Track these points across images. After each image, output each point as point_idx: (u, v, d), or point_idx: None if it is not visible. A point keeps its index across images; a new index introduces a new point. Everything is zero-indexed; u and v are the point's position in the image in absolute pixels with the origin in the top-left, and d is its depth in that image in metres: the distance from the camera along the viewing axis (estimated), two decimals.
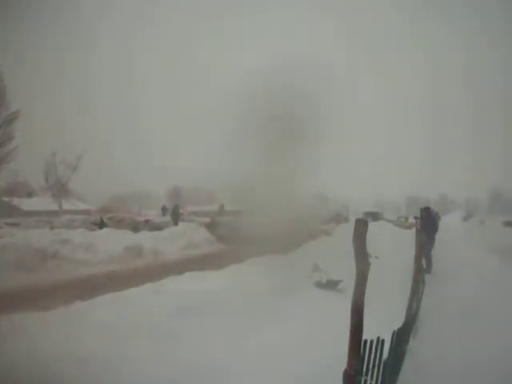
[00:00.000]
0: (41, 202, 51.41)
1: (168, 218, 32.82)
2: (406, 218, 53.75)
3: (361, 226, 3.29)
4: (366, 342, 3.30)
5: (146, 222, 29.34)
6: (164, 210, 41.45)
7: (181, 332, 7.07)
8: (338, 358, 4.16)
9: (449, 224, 37.44)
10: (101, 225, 26.86)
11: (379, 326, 4.34)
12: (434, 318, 8.17)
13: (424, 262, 10.39)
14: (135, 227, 26.07)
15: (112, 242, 19.01)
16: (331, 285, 11.13)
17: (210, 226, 27.88)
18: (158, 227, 27.23)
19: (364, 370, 3.32)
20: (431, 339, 6.89)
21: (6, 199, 49.58)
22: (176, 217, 30.87)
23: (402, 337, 4.84)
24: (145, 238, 21.23)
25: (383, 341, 3.66)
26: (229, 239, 24.67)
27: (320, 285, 11.22)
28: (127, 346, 6.32)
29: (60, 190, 48.59)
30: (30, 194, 56.28)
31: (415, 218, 16.10)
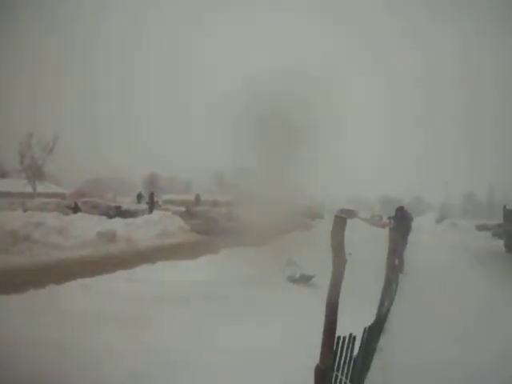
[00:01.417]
0: (14, 184, 50.73)
1: (143, 206, 32.63)
2: (380, 217, 54.14)
3: (339, 223, 3.28)
4: (339, 338, 3.32)
5: (120, 208, 29.12)
6: (139, 197, 41.10)
7: (151, 321, 7.04)
8: (310, 352, 4.19)
9: (422, 225, 37.84)
10: (75, 209, 26.61)
11: (349, 323, 4.36)
12: (404, 317, 8.25)
13: (396, 261, 10.49)
14: (109, 213, 25.88)
15: (85, 227, 18.93)
16: (304, 280, 11.17)
17: (186, 216, 27.83)
18: (132, 214, 27.09)
19: (336, 365, 3.34)
20: (400, 338, 6.96)
21: None
22: (151, 205, 30.72)
23: (372, 334, 4.89)
24: (118, 224, 21.15)
25: (355, 337, 3.68)
26: (203, 229, 24.68)
27: (293, 279, 11.24)
28: (97, 331, 6.28)
29: (34, 172, 47.99)
30: (3, 175, 55.49)
31: (389, 217, 16.27)
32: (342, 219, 3.29)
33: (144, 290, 9.05)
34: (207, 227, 24.67)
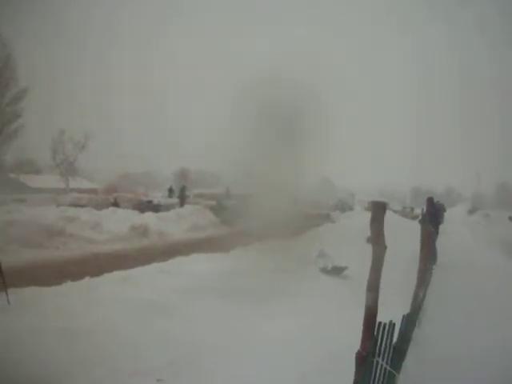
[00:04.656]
0: (48, 180, 51.64)
1: (174, 200, 32.86)
2: (412, 209, 53.48)
3: (379, 209, 3.26)
4: (380, 324, 3.32)
5: (152, 202, 29.40)
6: (171, 191, 41.34)
7: (185, 311, 7.14)
8: (344, 342, 4.21)
9: (454, 216, 37.36)
10: (114, 204, 26.92)
11: (384, 312, 4.37)
12: (437, 308, 8.20)
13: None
14: (141, 207, 26.13)
15: (118, 222, 19.17)
16: (336, 271, 11.16)
17: (216, 209, 27.93)
18: (164, 208, 27.32)
19: (376, 351, 3.35)
20: (433, 329, 6.93)
21: (13, 175, 49.77)
22: (182, 198, 30.92)
23: (409, 323, 4.88)
24: (150, 218, 21.35)
25: (394, 324, 3.69)
26: (234, 223, 24.69)
27: (325, 271, 11.24)
28: (133, 321, 6.40)
29: (67, 168, 48.82)
30: (37, 172, 56.37)
31: (422, 209, 16.13)
32: (381, 205, 3.27)
33: (179, 281, 9.16)
34: (237, 220, 24.70)
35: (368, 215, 3.48)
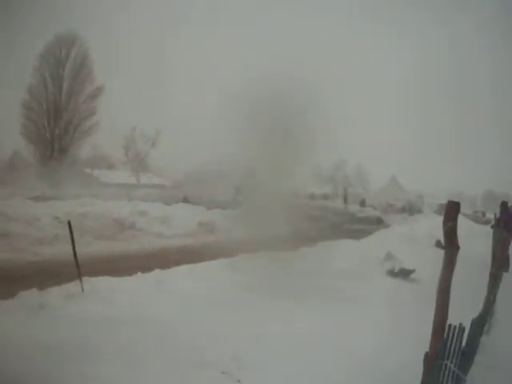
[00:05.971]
0: (119, 175, 53.08)
1: (241, 198, 33.15)
2: (483, 213, 51.59)
3: (452, 208, 3.20)
4: (450, 326, 3.27)
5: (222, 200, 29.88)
6: (238, 189, 41.70)
7: (249, 307, 7.22)
8: (412, 344, 4.15)
9: None
10: (183, 200, 27.53)
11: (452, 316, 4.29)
12: (505, 316, 7.94)
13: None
14: (209, 204, 26.50)
15: (186, 217, 19.49)
16: (403, 274, 10.98)
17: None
18: (231, 206, 27.62)
19: (446, 354, 3.30)
20: (504, 337, 6.72)
21: (87, 170, 51.58)
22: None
23: (478, 327, 4.77)
24: (218, 215, 21.60)
25: (464, 328, 3.62)
26: (301, 222, 24.57)
27: (392, 273, 11.08)
28: (199, 314, 6.57)
29: (139, 164, 50.11)
30: (109, 167, 58.15)
31: (495, 214, 15.56)
32: (454, 205, 3.21)
33: (243, 277, 9.26)
34: (304, 220, 24.59)
35: (437, 218, 3.44)
